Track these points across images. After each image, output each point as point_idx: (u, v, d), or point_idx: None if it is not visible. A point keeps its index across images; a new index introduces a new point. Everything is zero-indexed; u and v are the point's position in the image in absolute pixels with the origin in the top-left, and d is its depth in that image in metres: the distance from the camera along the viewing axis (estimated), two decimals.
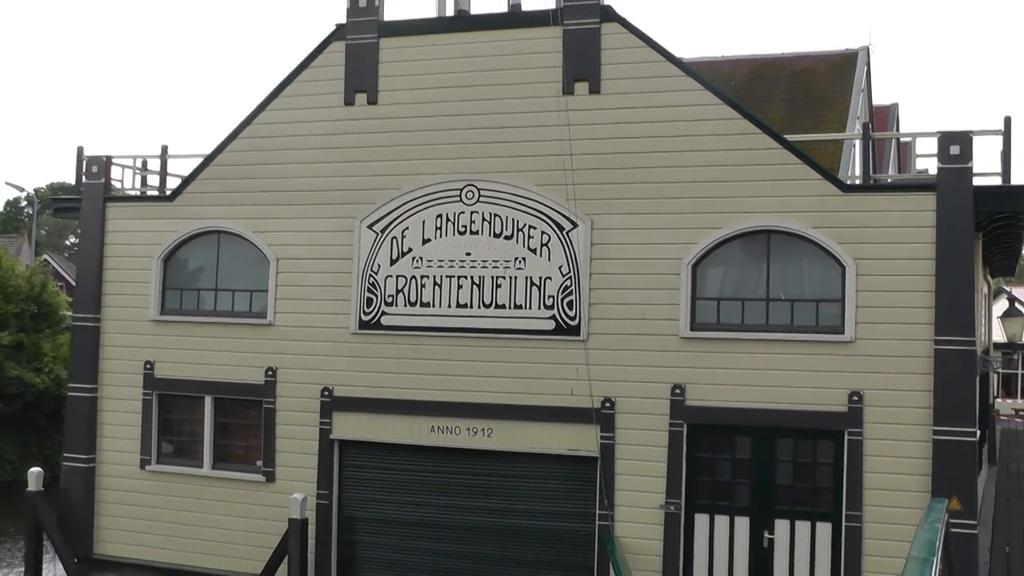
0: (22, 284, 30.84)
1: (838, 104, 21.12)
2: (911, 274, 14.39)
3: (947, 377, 14.09)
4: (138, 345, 18.43)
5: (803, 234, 14.88)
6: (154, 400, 18.29)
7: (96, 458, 18.60)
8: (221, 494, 17.74)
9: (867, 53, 22.49)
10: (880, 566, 14.14)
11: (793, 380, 14.83)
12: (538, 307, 16.03)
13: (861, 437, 14.48)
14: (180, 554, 17.89)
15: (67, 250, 71.84)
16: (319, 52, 17.37)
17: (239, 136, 17.88)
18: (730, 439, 15.28)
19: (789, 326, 15.03)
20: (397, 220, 16.79)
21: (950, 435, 14.05)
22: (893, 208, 14.59)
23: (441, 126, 16.61)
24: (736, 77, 21.64)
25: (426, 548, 16.74)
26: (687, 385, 15.28)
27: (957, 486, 13.84)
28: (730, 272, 15.49)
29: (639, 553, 15.28)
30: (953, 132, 14.40)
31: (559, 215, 15.97)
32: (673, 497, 15.30)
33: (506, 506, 16.33)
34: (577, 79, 15.97)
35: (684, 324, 15.33)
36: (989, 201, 14.55)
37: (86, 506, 18.53)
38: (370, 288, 16.91)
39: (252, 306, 17.82)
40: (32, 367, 29.67)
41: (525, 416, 15.98)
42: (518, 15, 16.84)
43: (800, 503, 14.97)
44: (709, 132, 15.35)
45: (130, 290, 18.54)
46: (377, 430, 16.87)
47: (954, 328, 14.13)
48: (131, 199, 19.39)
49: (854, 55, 22.45)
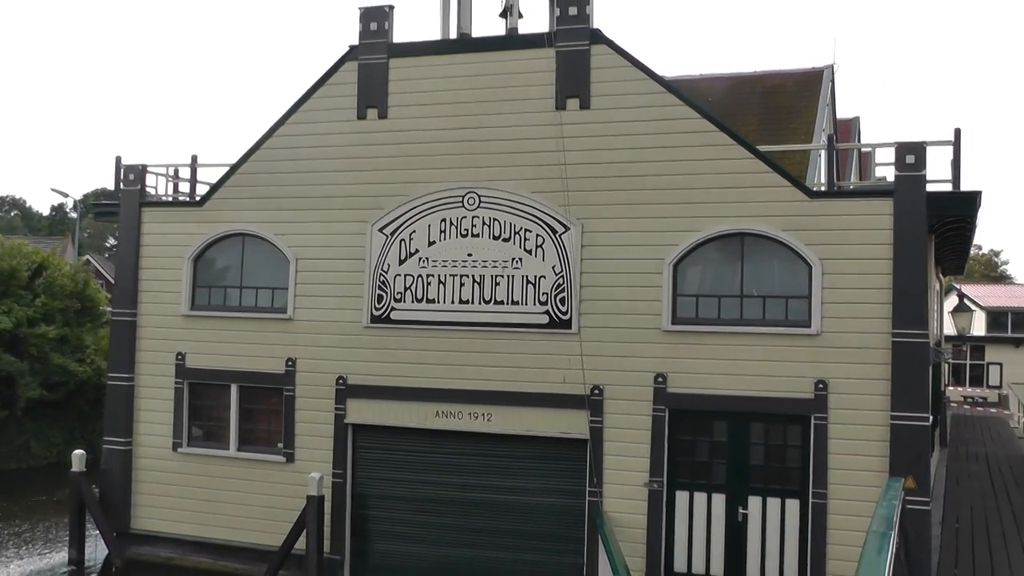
0: (67, 282, 30.88)
1: (805, 117, 21.12)
2: (871, 273, 14.50)
3: (903, 367, 14.22)
4: (170, 338, 18.59)
5: (774, 236, 15.00)
6: (185, 388, 18.45)
7: (133, 441, 18.76)
8: (245, 474, 17.90)
9: (831, 71, 22.52)
10: (843, 539, 14.27)
11: (765, 369, 14.96)
12: (533, 303, 16.17)
13: (826, 421, 14.62)
14: (208, 528, 18.07)
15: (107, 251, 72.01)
16: (334, 71, 17.50)
17: (262, 147, 18.02)
18: (708, 423, 15.39)
19: (761, 320, 15.16)
20: (405, 224, 16.94)
21: (906, 420, 14.19)
22: (855, 212, 14.72)
23: (445, 138, 16.73)
24: (713, 93, 21.63)
25: (431, 522, 16.88)
26: (669, 374, 15.43)
27: (912, 466, 13.98)
28: (708, 271, 15.59)
29: (625, 527, 15.42)
30: (908, 143, 14.50)
31: (552, 219, 16.11)
32: (656, 476, 15.43)
33: (504, 484, 16.47)
34: (569, 96, 16.09)
35: (666, 318, 15.47)
36: (941, 206, 14.68)
37: (124, 485, 18.70)
38: (380, 286, 17.07)
39: (274, 302, 17.95)
40: (75, 358, 29.72)
41: (521, 402, 16.12)
42: (515, 38, 17.02)
43: (771, 481, 15.10)
44: (689, 144, 15.47)
45: (163, 287, 18.70)
46: (387, 415, 17.01)
47: (909, 322, 14.25)
48: (164, 204, 19.55)
49: (820, 73, 22.47)
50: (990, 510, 20.39)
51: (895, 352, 14.26)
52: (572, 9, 16.13)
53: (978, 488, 22.90)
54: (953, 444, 29.74)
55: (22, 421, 28.56)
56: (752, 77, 23.05)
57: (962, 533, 18.02)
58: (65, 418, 30.11)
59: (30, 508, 23.75)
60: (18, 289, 29.31)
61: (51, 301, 29.93)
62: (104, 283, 41.66)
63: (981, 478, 24.34)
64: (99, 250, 73.96)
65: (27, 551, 19.96)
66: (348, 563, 17.32)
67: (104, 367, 25.08)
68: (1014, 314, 54.76)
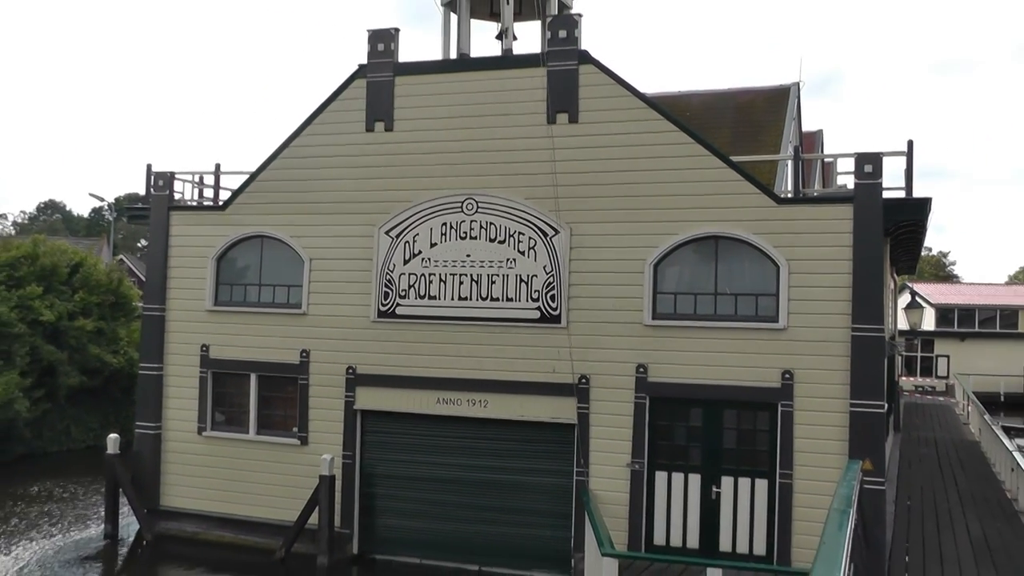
0: (103, 279, 30.72)
1: (774, 131, 21.08)
2: (832, 272, 14.46)
3: (861, 359, 14.19)
4: (196, 331, 18.51)
5: (745, 239, 14.95)
6: (208, 377, 18.37)
7: (162, 426, 18.68)
8: (263, 455, 17.83)
9: (797, 88, 22.47)
10: (807, 515, 14.26)
11: (736, 361, 14.92)
12: (526, 300, 16.11)
13: (792, 408, 14.60)
14: (230, 504, 18.02)
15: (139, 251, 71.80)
16: (344, 87, 17.42)
17: (279, 157, 17.93)
18: (684, 409, 15.34)
19: (733, 316, 15.12)
20: (409, 227, 16.86)
21: (863, 407, 14.16)
22: (818, 217, 14.67)
23: (446, 149, 16.67)
24: (690, 108, 21.56)
25: (432, 499, 16.84)
26: (649, 364, 15.38)
27: (869, 450, 13.96)
28: (685, 271, 15.53)
29: (609, 503, 15.37)
30: (866, 153, 14.44)
31: (544, 223, 16.05)
32: (637, 457, 15.41)
33: (499, 464, 16.43)
34: (559, 111, 16.03)
35: (647, 314, 15.43)
36: (895, 211, 14.65)
37: (154, 466, 18.64)
38: (387, 284, 16.99)
39: (289, 298, 17.87)
40: (110, 349, 29.58)
41: (515, 390, 16.07)
42: (510, 58, 16.97)
43: (742, 463, 15.07)
44: (668, 154, 15.41)
45: (189, 285, 18.62)
46: (392, 401, 16.94)
47: (867, 318, 14.21)
48: (190, 208, 19.44)
49: (787, 90, 22.41)
50: (938, 490, 20.40)
51: (854, 345, 14.23)
52: (562, 33, 16.08)
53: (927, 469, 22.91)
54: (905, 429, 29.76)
55: (63, 408, 28.42)
56: (726, 94, 23.03)
57: (913, 510, 18.02)
58: (101, 405, 29.97)
59: (70, 487, 23.68)
60: (59, 285, 29.17)
61: (88, 297, 29.79)
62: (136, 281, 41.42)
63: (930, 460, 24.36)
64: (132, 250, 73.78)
65: (67, 526, 19.89)
66: (357, 536, 17.26)
67: (136, 358, 24.94)
68: (960, 311, 54.87)
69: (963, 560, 14.76)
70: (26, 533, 19.15)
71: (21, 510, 21.10)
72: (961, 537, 16.22)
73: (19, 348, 26.36)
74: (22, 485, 23.65)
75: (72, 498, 22.41)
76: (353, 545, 17.21)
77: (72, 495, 22.74)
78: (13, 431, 26.06)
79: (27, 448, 26.98)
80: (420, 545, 16.89)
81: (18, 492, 22.85)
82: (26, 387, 26.19)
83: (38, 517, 20.54)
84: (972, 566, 14.46)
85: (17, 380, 25.71)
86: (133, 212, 21.43)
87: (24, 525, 19.81)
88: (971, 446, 27.51)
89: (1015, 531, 16.85)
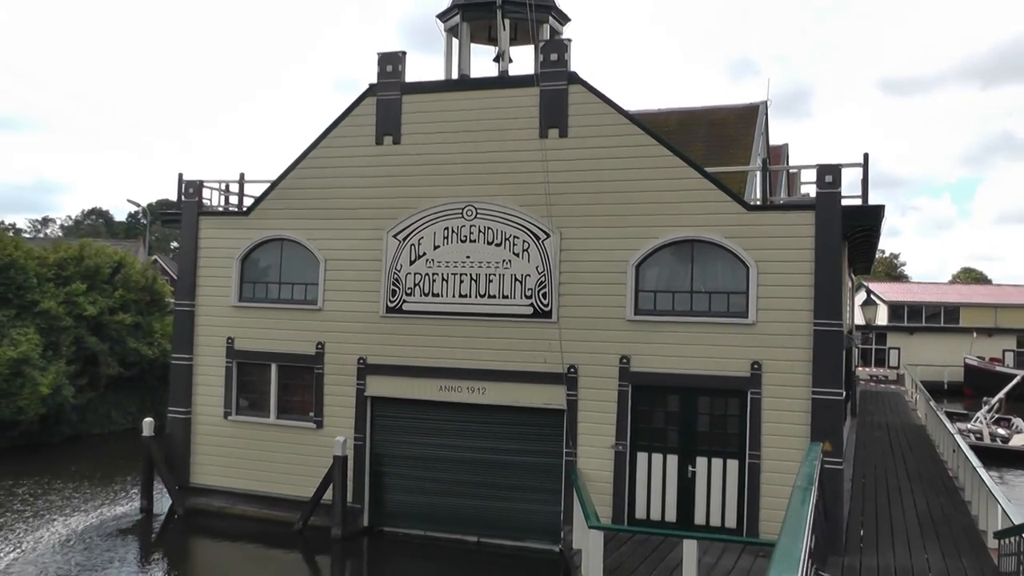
0: (139, 278, 30.63)
1: (744, 144, 20.98)
2: (796, 272, 14.33)
3: (822, 351, 14.07)
4: (222, 325, 18.35)
5: (718, 242, 14.82)
6: (234, 367, 18.20)
7: (192, 410, 18.53)
8: (283, 437, 17.69)
9: (765, 106, 22.35)
10: (773, 492, 14.15)
11: (710, 352, 14.80)
12: (520, 297, 15.96)
13: (760, 395, 14.47)
14: (253, 481, 17.88)
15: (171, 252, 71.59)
16: (356, 104, 17.26)
17: (297, 167, 17.77)
18: (663, 396, 15.20)
19: (707, 312, 14.98)
20: (415, 231, 16.70)
21: (824, 394, 14.04)
22: (783, 223, 14.54)
23: (448, 160, 16.52)
24: (668, 124, 21.45)
25: (435, 477, 16.72)
26: (631, 356, 15.24)
27: (829, 433, 13.82)
28: (664, 271, 15.39)
29: (595, 481, 15.25)
30: (827, 165, 14.30)
31: (536, 228, 15.89)
32: (620, 440, 15.28)
33: (495, 445, 16.30)
34: (550, 126, 15.87)
35: (629, 310, 15.29)
36: (852, 217, 14.49)
37: (185, 447, 18.49)
38: (394, 282, 16.83)
39: (306, 295, 17.71)
40: (146, 341, 29.46)
41: (510, 379, 15.93)
42: (506, 78, 16.81)
43: (715, 445, 14.94)
44: (648, 166, 15.28)
45: (216, 283, 18.46)
46: (399, 389, 16.79)
47: (827, 314, 14.09)
48: (217, 214, 19.26)
49: (756, 107, 22.30)
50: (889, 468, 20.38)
51: (816, 339, 14.12)
52: (553, 56, 15.93)
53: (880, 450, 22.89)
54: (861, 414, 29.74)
55: (104, 394, 28.31)
56: (700, 111, 22.93)
57: (868, 487, 18.00)
58: (138, 391, 29.85)
59: (110, 466, 23.52)
60: (102, 283, 29.09)
61: (127, 294, 29.70)
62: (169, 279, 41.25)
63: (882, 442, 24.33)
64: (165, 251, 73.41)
65: (106, 500, 19.74)
66: (367, 511, 17.13)
67: (168, 349, 24.86)
68: (909, 307, 54.88)
69: (910, 530, 14.79)
70: (70, 507, 18.99)
71: (66, 486, 20.93)
72: (909, 510, 16.21)
73: (66, 339, 26.35)
74: (68, 463, 23.52)
75: (111, 476, 22.23)
76: (364, 519, 17.07)
77: (111, 473, 22.56)
78: (61, 415, 26.01)
79: (73, 430, 26.93)
80: (424, 518, 16.75)
81: (64, 470, 22.69)
82: (72, 375, 26.15)
83: (81, 492, 20.39)
84: (918, 535, 14.51)
85: (64, 369, 25.67)
86: (166, 216, 21.24)
87: (68, 500, 19.65)
88: (918, 429, 27.49)
89: (955, 504, 16.89)
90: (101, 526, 17.59)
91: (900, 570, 12.44)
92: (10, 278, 25.72)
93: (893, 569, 12.47)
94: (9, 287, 25.70)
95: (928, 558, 13.13)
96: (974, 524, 15.25)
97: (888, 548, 13.62)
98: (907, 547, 13.70)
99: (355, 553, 16.50)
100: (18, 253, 26.36)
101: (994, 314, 54.12)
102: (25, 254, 26.77)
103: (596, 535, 11.86)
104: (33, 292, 26.12)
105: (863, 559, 12.95)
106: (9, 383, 23.95)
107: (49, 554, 15.66)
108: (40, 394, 24.30)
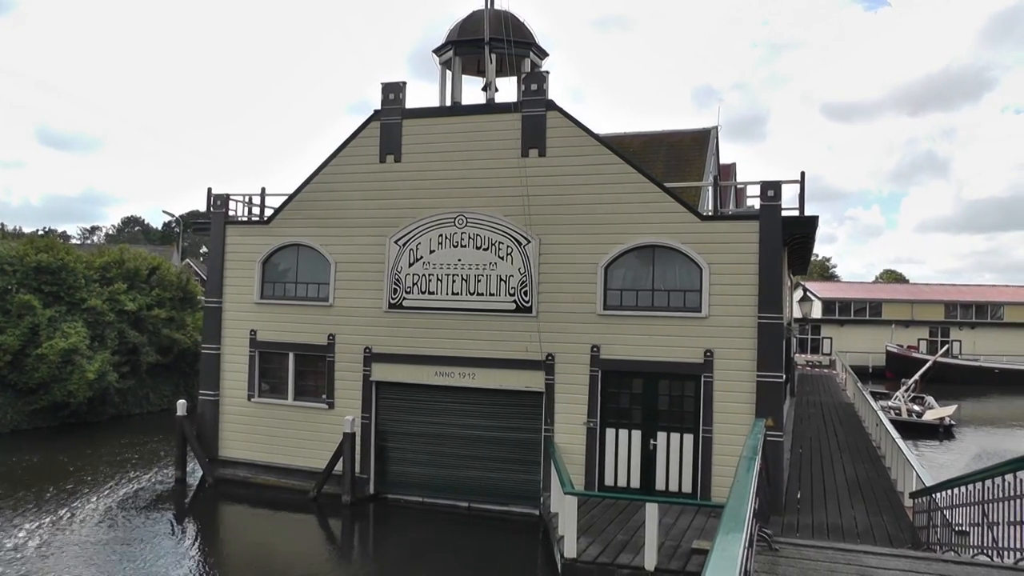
0: (174, 279, 30.48)
1: (698, 163, 21.02)
2: (743, 273, 14.35)
3: (765, 340, 14.12)
4: (246, 319, 18.22)
5: (675, 247, 14.83)
6: (256, 355, 18.08)
7: (219, 393, 18.38)
8: (299, 416, 17.58)
9: (716, 131, 22.42)
10: (723, 462, 14.18)
11: (669, 342, 14.80)
12: (504, 295, 15.92)
13: (712, 379, 14.48)
14: (273, 455, 17.77)
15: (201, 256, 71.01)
16: (362, 128, 17.18)
17: (311, 182, 17.66)
18: (628, 380, 15.20)
19: (666, 307, 14.98)
20: (413, 237, 16.62)
21: (767, 378, 14.09)
22: (732, 231, 14.55)
23: (442, 176, 16.44)
24: (633, 146, 21.47)
25: (431, 450, 16.65)
26: (601, 345, 15.23)
27: (771, 410, 13.86)
28: (629, 272, 15.37)
29: (570, 453, 15.24)
30: (769, 181, 14.35)
31: (519, 234, 15.85)
32: (592, 417, 15.27)
33: (483, 423, 16.25)
34: (531, 147, 15.83)
35: (599, 305, 15.28)
36: (791, 226, 14.51)
37: (214, 424, 18.36)
38: (395, 282, 16.75)
39: (319, 293, 17.59)
40: (180, 332, 29.39)
41: (496, 365, 15.89)
42: (492, 105, 16.72)
43: (673, 421, 14.95)
44: (615, 182, 15.26)
45: (241, 283, 18.33)
46: (400, 374, 16.72)
47: (770, 308, 14.14)
48: (241, 223, 19.09)
49: (708, 132, 22.32)
50: (823, 440, 20.48)
51: (760, 330, 14.16)
52: (533, 86, 15.91)
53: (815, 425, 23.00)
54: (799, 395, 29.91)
55: (143, 379, 28.09)
56: (660, 135, 22.96)
57: (804, 457, 18.06)
58: (172, 376, 29.64)
59: (148, 440, 23.31)
60: (140, 283, 28.93)
61: (163, 292, 29.55)
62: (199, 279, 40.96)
63: (817, 418, 24.46)
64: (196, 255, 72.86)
65: (145, 470, 19.55)
66: (372, 480, 17.03)
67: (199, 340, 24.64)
68: (840, 303, 55.21)
69: (840, 493, 14.87)
70: (113, 477, 18.79)
71: (109, 459, 20.71)
72: (839, 476, 16.30)
73: (110, 332, 26.17)
74: (111, 439, 23.27)
75: (150, 450, 22.03)
76: (370, 487, 16.98)
77: (150, 447, 22.36)
78: (106, 397, 25.90)
79: (116, 411, 26.78)
80: (422, 487, 16.68)
81: (108, 445, 22.45)
82: (115, 363, 25.99)
83: (123, 464, 20.17)
84: (847, 497, 14.60)
85: (108, 358, 25.51)
86: (196, 225, 21.06)
87: (111, 471, 19.44)
88: (847, 407, 27.67)
89: (877, 471, 17.01)
90: (140, 493, 17.42)
91: (831, 526, 12.52)
92: (62, 279, 25.69)
93: (826, 526, 12.55)
94: (61, 287, 25.66)
95: (855, 515, 13.22)
96: (893, 487, 15.38)
97: (821, 508, 13.69)
98: (837, 507, 13.78)
99: (362, 517, 16.41)
100: (69, 258, 26.33)
101: (911, 309, 54.59)
102: (75, 259, 26.66)
103: (571, 500, 11.83)
104: (81, 291, 26.04)
105: (800, 518, 13.01)
106: (61, 370, 23.95)
107: (103, 510, 15.88)
108: (87, 379, 24.23)
